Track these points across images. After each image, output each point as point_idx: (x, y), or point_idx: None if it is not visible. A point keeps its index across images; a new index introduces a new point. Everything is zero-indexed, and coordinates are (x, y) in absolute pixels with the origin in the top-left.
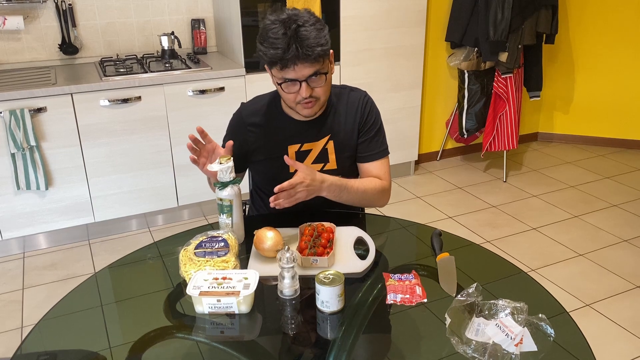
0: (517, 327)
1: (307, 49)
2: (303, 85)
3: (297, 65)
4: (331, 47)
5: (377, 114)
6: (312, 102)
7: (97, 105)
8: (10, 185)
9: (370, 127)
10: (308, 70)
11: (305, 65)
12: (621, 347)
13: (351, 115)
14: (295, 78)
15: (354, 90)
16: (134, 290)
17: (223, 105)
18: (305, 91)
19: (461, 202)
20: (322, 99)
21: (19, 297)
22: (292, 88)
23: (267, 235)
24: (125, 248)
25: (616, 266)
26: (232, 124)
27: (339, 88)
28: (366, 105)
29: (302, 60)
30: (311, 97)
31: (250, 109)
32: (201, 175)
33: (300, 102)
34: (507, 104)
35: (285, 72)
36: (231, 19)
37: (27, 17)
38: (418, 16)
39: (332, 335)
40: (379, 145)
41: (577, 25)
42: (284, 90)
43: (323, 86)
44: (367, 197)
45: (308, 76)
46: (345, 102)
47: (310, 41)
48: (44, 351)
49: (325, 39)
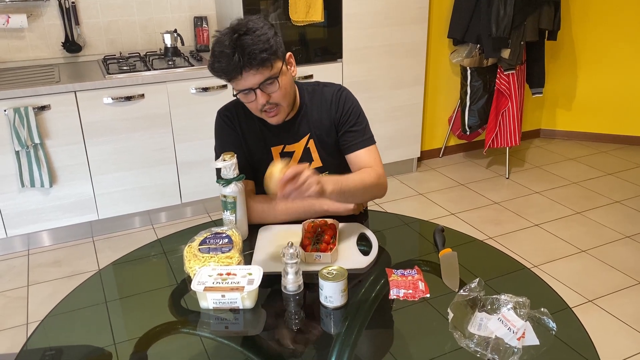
0: (519, 321)
1: (249, 56)
2: (257, 92)
3: (244, 74)
4: (333, 45)
5: (354, 105)
6: (275, 110)
7: (100, 103)
8: (14, 182)
9: (349, 118)
10: (257, 77)
11: (251, 72)
12: (623, 343)
13: (326, 111)
14: (247, 87)
15: (327, 86)
16: (138, 287)
17: (225, 103)
18: (261, 98)
19: (464, 199)
20: (283, 104)
21: (24, 293)
22: (248, 97)
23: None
24: (129, 245)
25: (618, 262)
26: (222, 127)
27: (312, 85)
28: (340, 99)
29: (246, 68)
30: (270, 103)
31: (233, 113)
32: (204, 173)
33: (262, 110)
34: (509, 100)
35: (236, 83)
36: (233, 16)
37: (31, 15)
38: (420, 13)
39: (335, 331)
40: (362, 133)
41: (579, 21)
42: (243, 101)
43: (278, 91)
44: (366, 188)
45: (259, 83)
46: (318, 98)
47: (252, 48)
48: (49, 347)
49: (269, 44)
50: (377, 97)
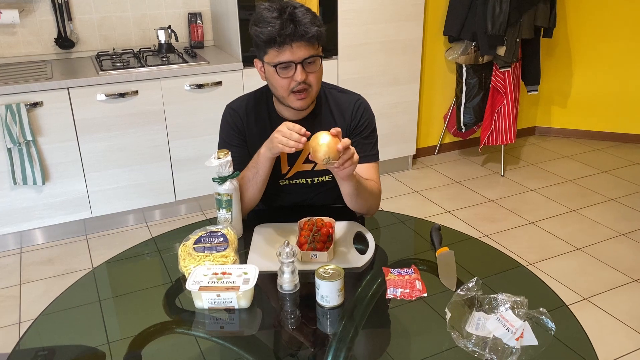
0: (517, 321)
1: (304, 27)
2: (298, 68)
3: (294, 45)
4: (328, 42)
5: (371, 118)
6: (305, 93)
7: (93, 99)
8: (6, 180)
9: (364, 130)
10: (304, 51)
11: (301, 45)
12: (619, 341)
13: (341, 116)
14: (290, 60)
15: (344, 92)
16: (132, 286)
17: (220, 100)
18: (300, 74)
19: (459, 196)
20: (314, 89)
21: (16, 292)
22: (286, 72)
23: (320, 140)
24: (122, 243)
25: (614, 260)
26: (229, 122)
27: (328, 87)
28: (359, 108)
29: (298, 39)
30: (304, 83)
31: (243, 108)
32: (198, 170)
33: (293, 89)
34: (505, 98)
35: (281, 53)
36: (228, 12)
37: (23, 10)
38: (416, 10)
39: (332, 330)
40: (370, 148)
41: (575, 19)
42: (278, 75)
43: (316, 72)
44: (369, 193)
45: (304, 59)
46: (334, 102)
47: (306, 21)
48: (42, 347)
49: (320, 22)
50: (372, 94)
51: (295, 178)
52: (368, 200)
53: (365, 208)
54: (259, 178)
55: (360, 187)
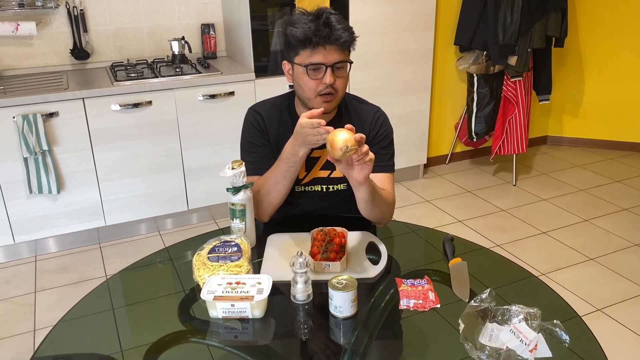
0: (531, 333)
1: (338, 32)
2: (328, 71)
3: (327, 47)
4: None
5: (389, 130)
6: (331, 97)
7: (108, 109)
8: (22, 189)
9: (382, 141)
10: (336, 55)
11: (334, 49)
12: (634, 352)
13: (360, 126)
14: (322, 62)
15: (365, 104)
16: (146, 295)
17: (233, 110)
18: (329, 77)
19: (470, 206)
20: (339, 94)
21: (31, 300)
22: (316, 74)
23: (337, 137)
24: (135, 251)
25: (627, 270)
26: (252, 122)
27: (350, 97)
28: (379, 119)
29: (331, 42)
30: (331, 87)
31: (266, 111)
32: (211, 179)
33: (321, 92)
34: (516, 107)
35: (314, 54)
36: (241, 23)
37: (40, 22)
38: (427, 20)
39: (344, 341)
40: (387, 159)
41: (586, 28)
42: (308, 76)
43: (344, 78)
44: (384, 201)
45: (334, 62)
46: (354, 112)
47: (341, 27)
48: (58, 355)
49: (353, 30)
50: (383, 103)
51: (311, 184)
52: (382, 208)
53: (379, 216)
54: (289, 177)
55: (375, 193)
